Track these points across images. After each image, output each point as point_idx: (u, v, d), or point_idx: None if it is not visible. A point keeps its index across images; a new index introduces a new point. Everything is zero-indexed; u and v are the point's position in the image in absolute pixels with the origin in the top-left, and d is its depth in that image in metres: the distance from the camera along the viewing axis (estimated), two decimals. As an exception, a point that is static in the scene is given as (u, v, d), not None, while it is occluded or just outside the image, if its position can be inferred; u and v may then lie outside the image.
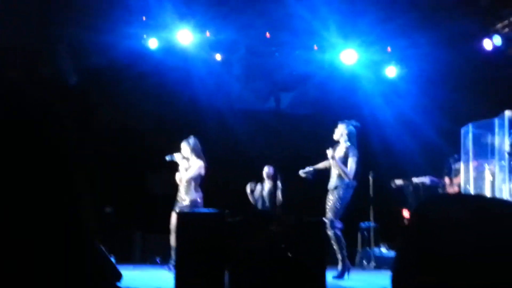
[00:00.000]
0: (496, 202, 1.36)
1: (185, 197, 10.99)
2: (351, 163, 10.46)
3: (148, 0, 13.06)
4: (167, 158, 11.15)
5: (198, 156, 11.06)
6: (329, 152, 10.54)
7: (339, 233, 10.39)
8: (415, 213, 1.38)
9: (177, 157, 11.11)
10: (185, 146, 11.13)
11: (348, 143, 10.58)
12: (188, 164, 11.08)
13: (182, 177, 11.02)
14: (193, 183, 10.97)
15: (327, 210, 10.47)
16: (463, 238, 1.22)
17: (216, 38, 14.39)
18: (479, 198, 1.42)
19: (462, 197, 1.88)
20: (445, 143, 13.45)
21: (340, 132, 10.71)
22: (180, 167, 11.10)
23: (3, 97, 1.17)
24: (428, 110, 14.43)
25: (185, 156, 11.10)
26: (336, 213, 10.37)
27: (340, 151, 10.61)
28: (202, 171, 11.01)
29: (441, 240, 1.23)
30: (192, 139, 11.20)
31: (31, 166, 1.12)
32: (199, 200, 10.93)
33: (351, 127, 10.73)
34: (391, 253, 13.37)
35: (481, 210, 1.27)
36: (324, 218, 10.29)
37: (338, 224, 10.45)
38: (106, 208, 14.70)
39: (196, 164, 10.98)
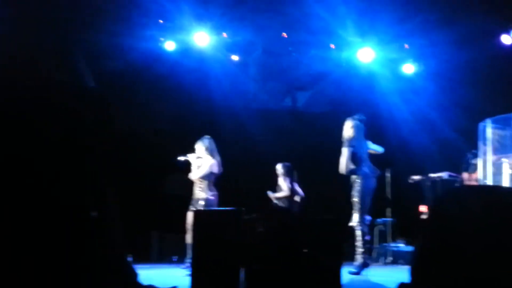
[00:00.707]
0: (510, 192, 1.36)
1: (199, 196, 11.04)
2: (343, 154, 10.42)
3: (164, 3, 13.11)
4: (179, 158, 11.21)
5: (211, 155, 11.10)
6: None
7: (365, 230, 10.35)
8: (433, 206, 1.38)
9: (190, 157, 11.17)
10: (199, 146, 11.20)
11: (350, 135, 10.55)
12: (201, 162, 11.14)
13: (193, 174, 11.07)
14: (206, 182, 11.00)
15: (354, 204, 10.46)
16: (481, 229, 1.22)
17: (233, 40, 14.45)
18: (495, 188, 1.43)
19: (478, 189, 1.88)
20: (463, 139, 13.40)
21: (347, 128, 10.69)
22: (192, 166, 11.15)
23: (25, 102, 1.19)
24: (445, 107, 14.37)
25: (199, 155, 11.15)
26: (359, 208, 10.32)
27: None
28: (215, 169, 11.04)
29: (460, 232, 1.24)
30: (206, 139, 11.25)
31: (58, 171, 1.14)
32: (213, 198, 10.96)
33: (357, 122, 10.71)
34: (408, 248, 13.32)
35: (497, 200, 1.28)
36: (354, 213, 10.29)
37: (366, 219, 10.41)
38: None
39: (208, 162, 11.03)
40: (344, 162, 10.41)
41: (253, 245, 7.76)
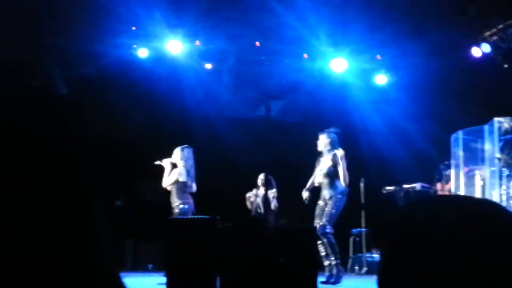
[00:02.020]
0: (482, 203, 1.37)
1: (172, 204, 11.02)
2: (344, 169, 10.44)
3: (138, 10, 13.05)
4: (156, 163, 11.20)
5: (184, 165, 11.06)
6: (305, 194, 10.64)
7: (332, 239, 10.36)
8: (403, 214, 1.38)
9: (165, 162, 11.14)
10: (176, 152, 11.17)
11: (333, 151, 10.54)
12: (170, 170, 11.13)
13: (163, 181, 11.07)
14: (175, 190, 10.98)
15: (319, 216, 10.43)
16: (451, 238, 1.22)
17: (206, 48, 14.44)
18: (466, 198, 1.43)
19: (449, 198, 1.89)
20: (436, 150, 13.49)
21: (323, 142, 10.68)
22: (165, 172, 11.13)
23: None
24: (418, 117, 14.45)
25: (174, 162, 11.13)
26: (330, 220, 10.34)
27: (326, 161, 10.58)
28: (182, 178, 10.98)
29: (429, 240, 1.24)
30: (185, 148, 11.22)
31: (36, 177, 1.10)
32: (185, 207, 10.90)
33: (333, 135, 10.70)
34: (383, 259, 13.33)
35: (468, 210, 1.28)
36: (316, 225, 10.29)
37: (330, 230, 10.43)
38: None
39: (176, 171, 11.00)
40: (347, 174, 10.42)
41: (229, 254, 7.76)
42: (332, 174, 10.47)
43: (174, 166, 11.16)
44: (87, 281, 1.06)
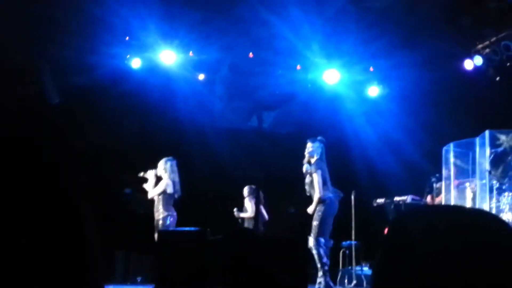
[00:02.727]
0: (474, 212, 1.38)
1: (156, 216, 11.02)
2: (317, 177, 10.34)
3: (131, 21, 13.06)
4: (140, 174, 11.19)
5: (169, 176, 11.07)
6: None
7: (321, 252, 10.30)
8: (394, 224, 1.39)
9: (149, 174, 11.14)
10: (161, 165, 11.18)
11: (314, 158, 10.48)
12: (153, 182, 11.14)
13: (149, 192, 11.07)
14: (162, 200, 10.98)
15: (312, 228, 10.39)
16: (442, 248, 1.23)
17: (199, 58, 14.44)
18: (457, 208, 1.44)
19: (441, 208, 1.89)
20: (427, 162, 13.51)
21: (307, 149, 10.65)
22: (148, 183, 11.13)
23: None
24: (410, 129, 14.47)
25: (159, 174, 11.14)
26: (318, 231, 10.24)
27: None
28: (169, 190, 10.99)
29: (420, 251, 1.24)
30: (169, 160, 11.23)
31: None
32: (170, 219, 10.90)
33: (317, 143, 10.66)
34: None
35: (459, 220, 1.29)
36: (309, 236, 10.25)
37: (327, 243, 10.37)
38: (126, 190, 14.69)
39: (163, 182, 11.01)
40: (319, 187, 10.31)
41: (219, 265, 7.75)
42: (310, 184, 10.44)
43: (158, 178, 11.17)
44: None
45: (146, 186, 11.15)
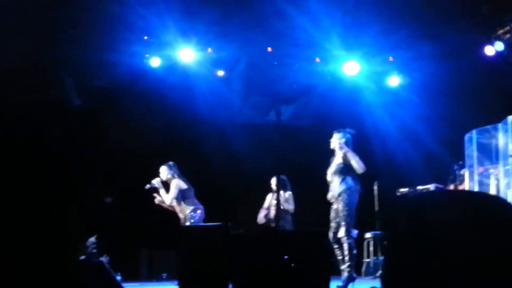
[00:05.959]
0: (491, 199, 1.36)
1: (181, 216, 11.02)
2: (353, 155, 10.23)
3: (150, 19, 13.09)
4: (146, 187, 11.20)
5: (176, 177, 11.09)
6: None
7: (352, 243, 10.20)
8: (410, 210, 1.36)
9: (156, 183, 11.15)
10: (163, 171, 11.19)
11: (345, 149, 10.36)
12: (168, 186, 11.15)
13: (166, 201, 11.05)
14: (181, 202, 10.99)
15: (334, 219, 10.28)
16: (460, 236, 1.21)
17: (218, 55, 14.45)
18: (473, 194, 1.42)
19: (457, 193, 1.87)
20: (449, 151, 13.41)
21: (336, 141, 10.51)
22: (161, 192, 11.11)
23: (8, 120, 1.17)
24: (430, 119, 14.39)
25: (164, 179, 11.15)
26: (347, 224, 10.13)
27: (338, 159, 10.44)
28: (183, 186, 11.00)
29: (437, 238, 1.22)
30: (168, 165, 11.25)
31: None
32: (195, 213, 10.91)
33: (348, 135, 10.55)
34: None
35: (475, 206, 1.27)
36: (331, 227, 10.18)
37: (353, 233, 10.30)
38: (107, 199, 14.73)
39: (173, 183, 11.02)
40: (358, 159, 10.21)
41: (242, 260, 7.75)
42: (341, 171, 10.29)
43: (165, 184, 11.18)
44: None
45: (161, 194, 11.13)
